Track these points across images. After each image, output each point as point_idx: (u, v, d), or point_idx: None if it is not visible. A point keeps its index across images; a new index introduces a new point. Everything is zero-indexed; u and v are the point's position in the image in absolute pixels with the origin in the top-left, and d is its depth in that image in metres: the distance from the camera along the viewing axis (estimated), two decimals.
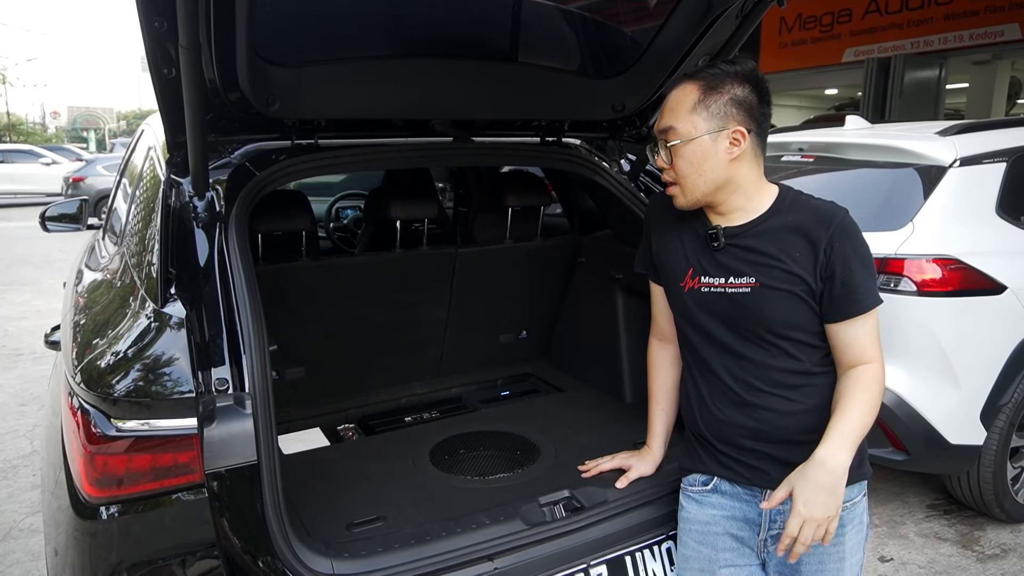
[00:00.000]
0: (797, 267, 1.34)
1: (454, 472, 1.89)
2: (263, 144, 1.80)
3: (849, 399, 1.32)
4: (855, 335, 1.35)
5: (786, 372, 1.38)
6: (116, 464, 1.25)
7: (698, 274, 1.44)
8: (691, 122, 1.34)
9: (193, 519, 1.28)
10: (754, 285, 1.37)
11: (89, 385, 1.30)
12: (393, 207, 2.20)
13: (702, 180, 1.37)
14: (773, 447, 1.40)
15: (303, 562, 1.33)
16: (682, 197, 1.41)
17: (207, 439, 1.25)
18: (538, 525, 1.53)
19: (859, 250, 1.34)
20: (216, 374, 1.34)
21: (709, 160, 1.35)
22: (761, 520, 1.43)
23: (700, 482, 1.51)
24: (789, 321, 1.36)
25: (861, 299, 1.33)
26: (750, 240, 1.39)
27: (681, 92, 1.38)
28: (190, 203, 1.63)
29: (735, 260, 1.40)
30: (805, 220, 1.36)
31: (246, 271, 1.50)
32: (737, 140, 1.34)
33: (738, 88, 1.35)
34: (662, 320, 1.65)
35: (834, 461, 1.27)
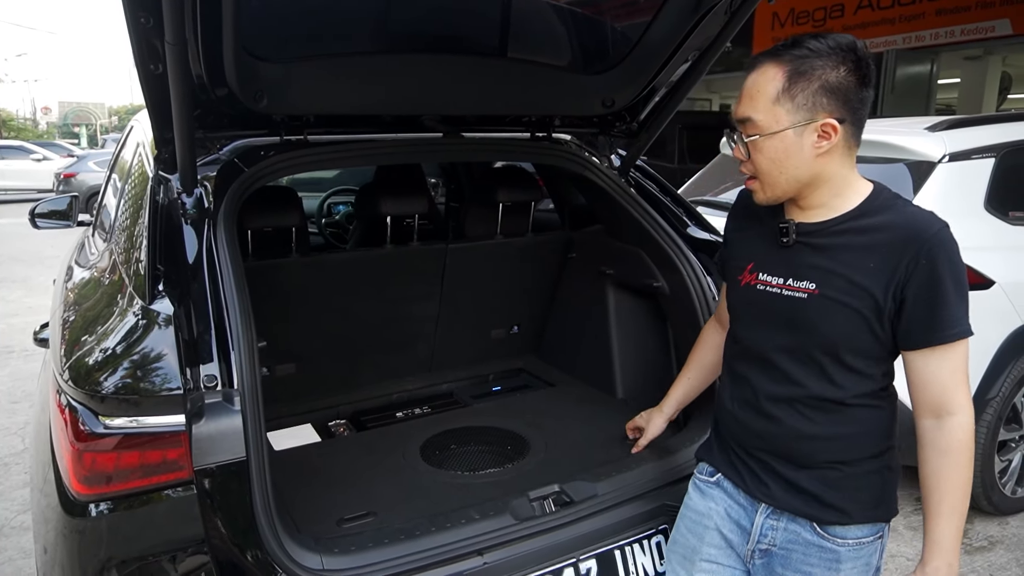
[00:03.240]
0: (867, 279, 1.17)
1: (444, 467, 1.89)
2: (252, 140, 1.80)
3: (947, 487, 1.18)
4: (936, 370, 1.17)
5: (820, 398, 1.24)
6: (104, 461, 1.25)
7: (758, 269, 1.31)
8: (773, 114, 1.17)
9: (182, 516, 1.28)
10: (812, 292, 1.22)
11: (77, 382, 1.30)
12: (383, 203, 2.19)
13: (784, 177, 1.20)
14: (781, 464, 1.30)
15: (292, 558, 1.34)
16: (761, 193, 1.26)
17: (196, 436, 1.25)
18: (527, 520, 1.54)
19: (954, 270, 1.16)
20: (205, 371, 1.34)
21: (793, 157, 1.18)
22: (752, 529, 1.36)
23: (708, 472, 1.46)
24: (843, 340, 1.20)
25: (948, 325, 1.15)
26: (824, 240, 1.22)
27: (762, 77, 1.18)
28: (178, 199, 1.63)
29: (801, 261, 1.24)
30: (894, 227, 1.18)
31: (235, 267, 1.49)
32: (827, 133, 1.16)
33: (831, 72, 1.14)
34: (721, 306, 1.57)
35: (952, 573, 1.19)
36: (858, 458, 1.25)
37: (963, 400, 1.18)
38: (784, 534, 1.32)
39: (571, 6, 1.99)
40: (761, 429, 1.31)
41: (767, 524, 1.33)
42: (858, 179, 1.24)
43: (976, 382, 2.76)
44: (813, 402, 1.24)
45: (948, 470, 1.18)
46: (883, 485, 1.28)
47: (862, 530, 1.27)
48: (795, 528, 1.30)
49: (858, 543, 1.28)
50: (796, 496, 1.28)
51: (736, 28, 1.82)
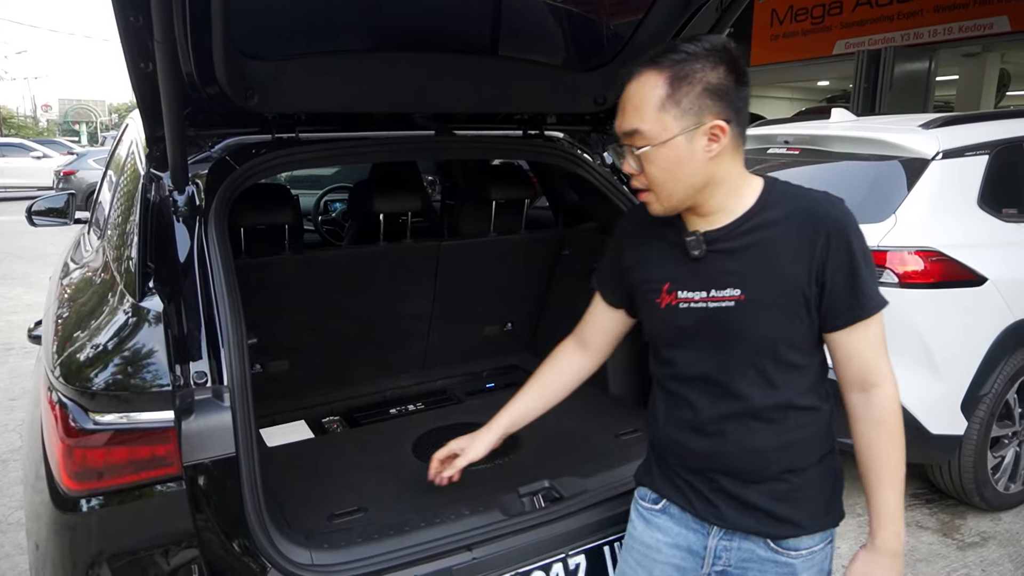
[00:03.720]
0: (788, 273, 1.17)
1: None
2: (243, 138, 1.80)
3: (884, 456, 1.20)
4: (859, 345, 1.18)
5: (763, 408, 1.22)
6: (94, 457, 1.26)
7: (675, 288, 1.26)
8: (660, 122, 1.14)
9: (172, 511, 1.29)
10: (738, 298, 1.19)
11: (67, 379, 1.31)
12: (376, 200, 2.20)
13: (680, 186, 1.18)
14: (729, 481, 1.27)
15: (282, 553, 1.35)
16: (657, 204, 1.22)
17: (185, 432, 1.26)
18: (517, 515, 1.55)
19: (861, 244, 1.17)
20: (195, 368, 1.36)
21: (685, 163, 1.16)
22: (705, 553, 1.32)
23: (651, 499, 1.40)
24: (777, 337, 1.19)
25: (865, 301, 1.16)
26: (734, 243, 1.21)
27: (644, 86, 1.15)
28: (170, 197, 1.64)
29: (717, 270, 1.21)
30: (797, 214, 1.18)
31: (225, 265, 1.50)
32: (716, 136, 1.15)
33: (711, 73, 1.13)
34: (589, 329, 1.49)
35: (900, 540, 1.19)
36: (805, 466, 1.25)
37: (886, 370, 1.20)
38: (738, 553, 1.29)
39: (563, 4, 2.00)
40: (705, 449, 1.27)
41: (720, 546, 1.30)
42: (748, 176, 1.24)
43: (968, 379, 2.77)
44: (758, 413, 1.22)
45: (883, 441, 1.20)
46: (830, 490, 1.28)
47: (814, 539, 1.27)
48: (749, 546, 1.28)
49: (811, 552, 1.27)
50: (747, 514, 1.26)
51: (727, 25, 1.82)
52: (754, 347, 1.20)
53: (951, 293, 2.73)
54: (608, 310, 1.45)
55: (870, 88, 8.88)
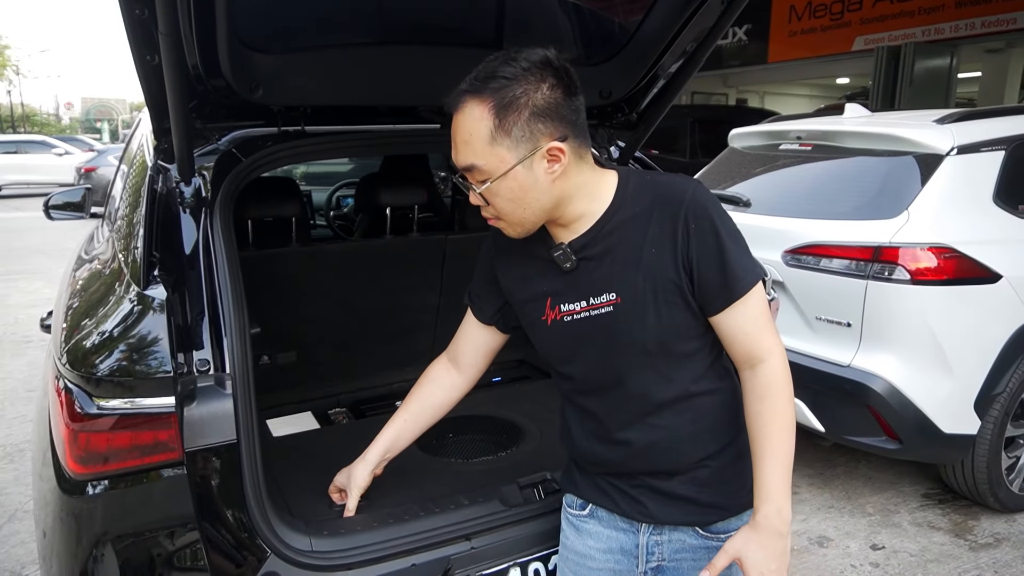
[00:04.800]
0: (656, 267, 1.15)
1: (439, 455, 1.91)
2: (250, 131, 1.82)
3: (768, 430, 1.15)
4: (741, 323, 1.16)
5: (662, 401, 1.21)
6: (98, 442, 1.29)
7: (557, 302, 1.23)
8: (495, 155, 1.09)
9: (174, 495, 1.31)
10: (616, 302, 1.17)
11: (73, 365, 1.33)
12: (382, 193, 2.22)
13: (529, 212, 1.15)
14: (651, 478, 1.27)
15: (281, 538, 1.37)
16: (511, 230, 1.20)
17: (187, 418, 1.28)
18: (516, 506, 1.56)
19: (723, 221, 1.14)
20: (198, 355, 1.37)
21: (530, 191, 1.12)
22: (638, 552, 1.31)
23: (577, 505, 1.39)
24: (664, 333, 1.17)
25: (737, 279, 1.13)
26: (599, 248, 1.18)
27: (469, 118, 1.10)
28: (176, 189, 1.66)
29: (590, 277, 1.19)
30: (652, 205, 1.15)
31: (229, 256, 1.52)
32: (555, 156, 1.11)
33: (535, 94, 1.08)
34: (462, 344, 1.48)
35: (783, 519, 1.13)
36: (719, 449, 1.25)
37: (771, 343, 1.17)
38: (670, 546, 1.30)
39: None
40: (620, 456, 1.27)
41: (652, 542, 1.30)
42: (601, 175, 1.20)
43: (982, 377, 2.73)
44: (660, 410, 1.21)
45: (768, 414, 1.16)
46: (747, 468, 1.23)
47: (741, 519, 1.26)
48: (679, 537, 1.29)
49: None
50: (673, 506, 1.26)
51: (732, 19, 1.81)
52: (641, 347, 1.19)
53: (965, 290, 2.70)
54: (480, 327, 1.44)
55: (889, 85, 8.76)
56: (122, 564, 1.32)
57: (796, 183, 3.37)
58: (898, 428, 2.72)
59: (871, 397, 2.71)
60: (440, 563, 1.44)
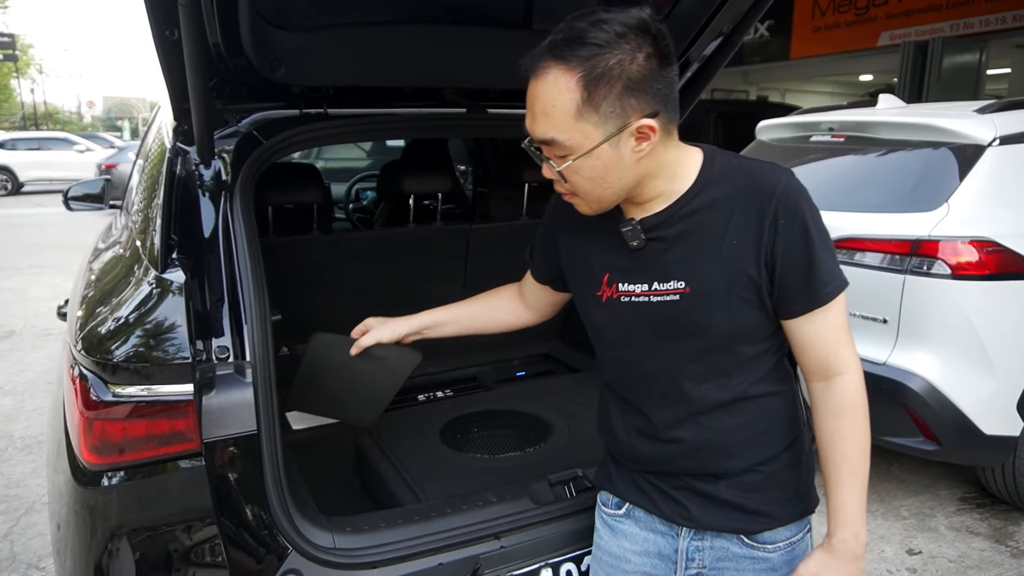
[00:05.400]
0: (735, 259, 1.06)
1: (465, 450, 1.85)
2: (271, 113, 1.77)
3: (844, 450, 1.09)
4: (818, 331, 1.08)
5: (718, 401, 1.12)
6: (113, 431, 1.23)
7: (616, 280, 1.15)
8: (580, 132, 0.99)
9: (193, 488, 1.25)
10: (684, 291, 1.08)
11: (88, 351, 1.28)
12: (406, 180, 2.15)
13: (610, 191, 1.06)
14: (696, 480, 1.18)
15: (303, 534, 1.31)
16: (586, 207, 1.11)
17: (205, 407, 1.23)
18: (547, 504, 1.49)
19: (814, 220, 1.05)
20: (217, 343, 1.32)
21: (613, 170, 1.03)
22: (676, 557, 1.22)
23: (613, 504, 1.31)
24: (731, 331, 1.09)
25: (824, 284, 1.05)
26: (674, 230, 1.09)
27: (553, 88, 0.98)
28: (196, 171, 1.61)
29: (659, 259, 1.10)
30: (740, 191, 1.06)
31: (250, 240, 1.46)
32: (645, 134, 1.01)
33: (630, 64, 0.97)
34: (526, 288, 1.44)
35: (859, 543, 1.09)
36: (773, 455, 1.16)
37: (848, 356, 1.09)
38: (712, 553, 1.20)
39: None
40: (667, 454, 1.17)
41: (692, 547, 1.21)
42: (686, 153, 1.10)
43: None
44: (714, 410, 1.13)
45: (844, 432, 1.09)
46: (801, 476, 1.19)
47: (790, 530, 1.19)
48: (722, 544, 1.19)
49: (789, 544, 1.19)
50: (718, 511, 1.17)
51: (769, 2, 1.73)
52: (704, 343, 1.10)
53: (1007, 285, 2.59)
54: (537, 283, 1.41)
55: (916, 81, 8.58)
56: (138, 559, 1.26)
57: (828, 175, 3.27)
58: (936, 429, 2.61)
59: (908, 396, 2.61)
60: (468, 563, 1.37)
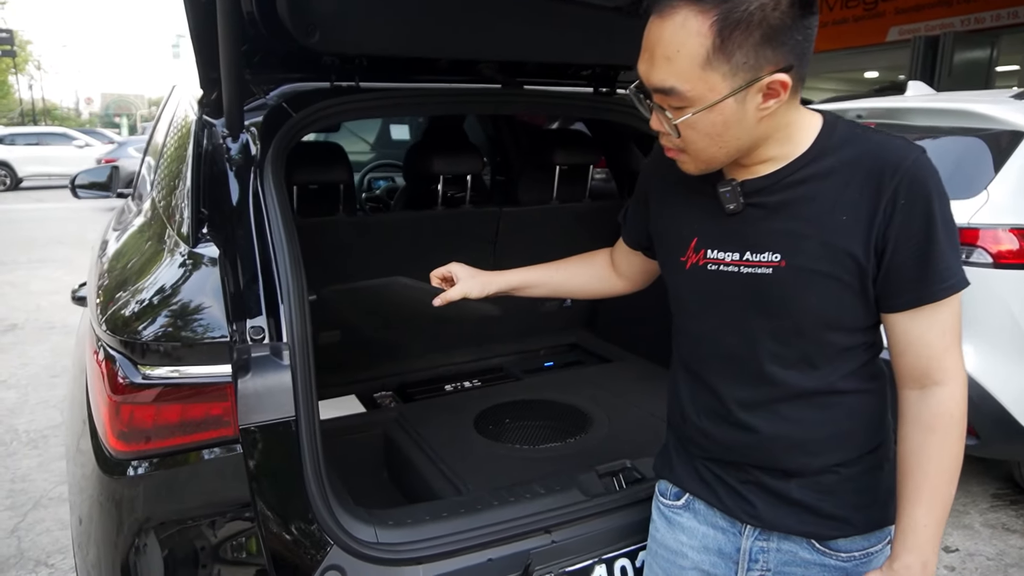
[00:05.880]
0: (842, 237, 0.95)
1: (502, 441, 1.76)
2: (300, 85, 1.68)
3: (929, 468, 0.97)
4: (923, 331, 0.96)
5: (801, 391, 1.02)
6: (143, 416, 1.14)
7: (704, 246, 1.05)
8: (705, 82, 0.89)
9: (228, 477, 1.17)
10: (778, 264, 0.98)
11: (115, 331, 1.19)
12: (436, 161, 2.06)
13: (724, 151, 0.96)
14: (766, 475, 1.08)
15: (344, 528, 1.22)
16: (692, 166, 1.01)
17: (241, 391, 1.14)
18: (598, 496, 1.40)
19: (942, 207, 0.93)
20: (251, 323, 1.23)
21: (733, 127, 0.93)
22: (738, 557, 1.13)
23: (672, 494, 1.21)
24: (825, 317, 0.99)
25: (940, 278, 0.93)
26: (778, 197, 0.98)
27: (681, 30, 0.87)
28: (223, 145, 1.52)
29: (757, 227, 1.00)
30: (861, 163, 0.94)
31: (283, 215, 1.38)
32: (775, 91, 0.90)
33: (772, 10, 0.86)
34: (617, 256, 1.36)
35: (927, 573, 0.98)
36: (855, 457, 1.05)
37: (953, 366, 0.97)
38: (778, 555, 1.10)
39: None
40: (736, 441, 1.08)
41: (756, 548, 1.11)
42: (805, 117, 0.99)
43: None
44: (795, 399, 1.03)
45: (932, 449, 0.97)
46: (883, 482, 1.07)
47: (868, 540, 1.08)
48: (790, 548, 1.09)
49: (866, 554, 1.08)
50: (787, 511, 1.07)
51: None
52: (793, 325, 1.00)
53: None
54: (628, 249, 1.33)
55: (927, 77, 8.49)
56: (168, 554, 1.17)
57: None
58: (975, 422, 2.53)
59: None
60: (519, 558, 1.28)
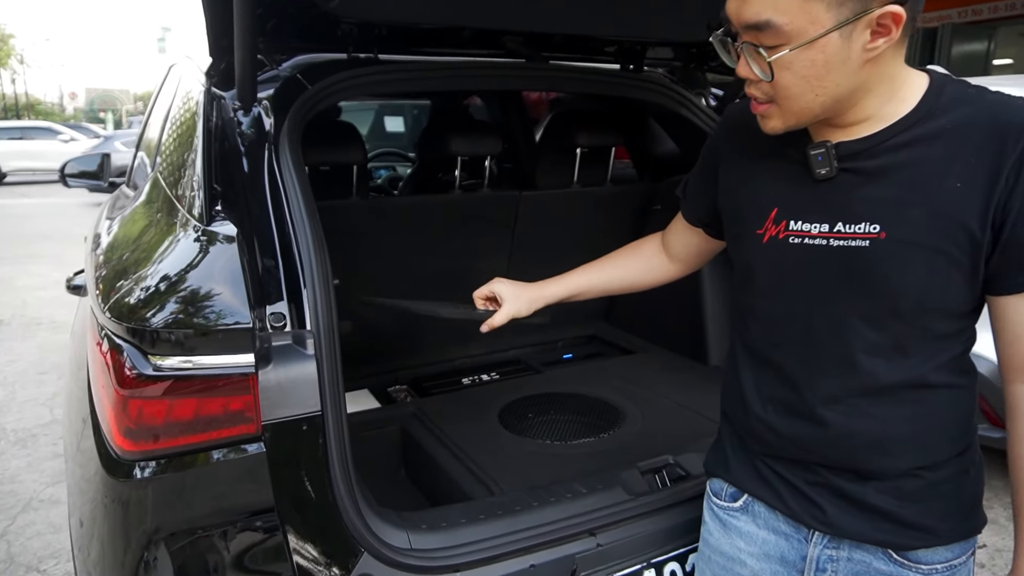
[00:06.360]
0: (955, 205, 0.84)
1: (531, 436, 1.66)
2: (315, 56, 1.57)
3: None
4: None
5: (887, 382, 0.91)
6: (153, 411, 1.03)
7: (786, 216, 0.94)
8: (805, 13, 0.79)
9: (249, 480, 1.05)
10: (877, 236, 0.87)
11: (122, 317, 1.07)
12: (455, 141, 1.95)
13: (819, 100, 0.85)
14: (840, 477, 0.97)
15: (375, 533, 1.11)
16: (778, 120, 0.90)
17: (263, 383, 1.03)
18: (642, 495, 1.30)
19: None
20: (271, 309, 1.12)
21: (835, 69, 0.82)
22: (804, 566, 1.03)
23: (728, 495, 1.10)
24: (928, 297, 0.88)
25: None
26: (879, 161, 0.87)
27: None
28: (234, 119, 1.41)
29: (850, 196, 0.89)
30: (977, 124, 0.84)
31: (304, 193, 1.26)
32: (885, 27, 0.80)
33: None
34: (672, 236, 1.25)
35: None
36: (942, 459, 0.94)
37: None
38: (849, 565, 1.00)
39: None
40: (810, 437, 0.97)
41: (824, 556, 1.01)
42: (911, 72, 0.89)
43: None
44: (881, 391, 0.92)
45: None
46: (971, 488, 0.98)
47: (952, 550, 0.97)
48: (863, 557, 0.99)
49: (948, 568, 0.97)
50: (862, 518, 0.97)
51: None
52: (890, 307, 0.89)
53: None
54: (687, 226, 1.21)
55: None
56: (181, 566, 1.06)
57: None
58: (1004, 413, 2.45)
59: None
60: (564, 563, 1.18)
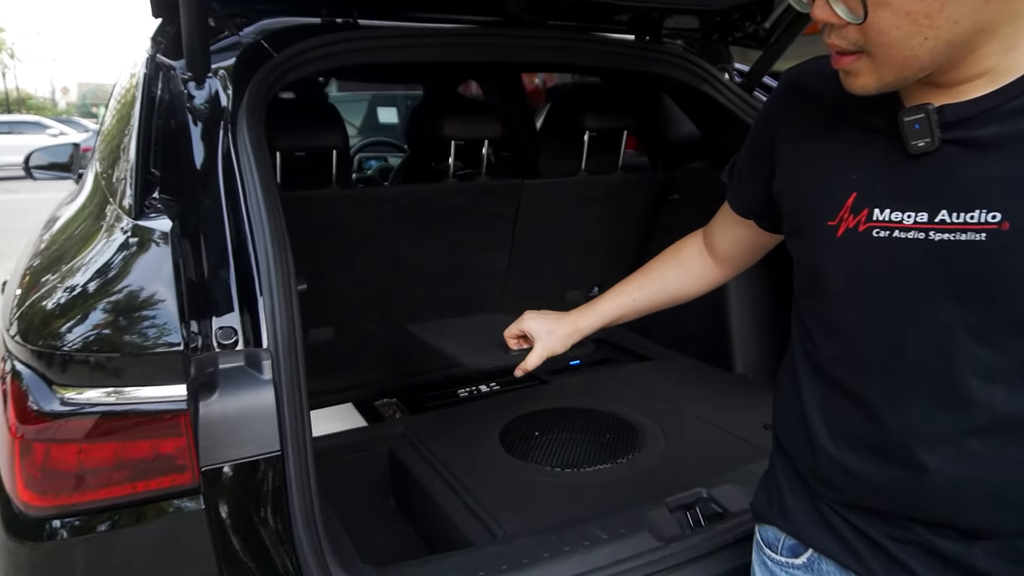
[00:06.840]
0: None
1: (537, 461, 1.44)
2: (282, 20, 1.34)
3: None
4: None
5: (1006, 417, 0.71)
6: (64, 456, 0.81)
7: (869, 203, 0.75)
8: None
9: (181, 546, 0.84)
10: (997, 228, 0.68)
11: (27, 337, 0.85)
12: (449, 123, 1.72)
13: (926, 46, 0.65)
14: (938, 535, 0.76)
15: None
16: (871, 75, 0.70)
17: (205, 418, 0.81)
18: (674, 540, 1.09)
19: None
20: (218, 322, 0.90)
21: (949, 4, 0.63)
22: None
23: (786, 548, 0.89)
24: None
25: None
26: (996, 129, 0.68)
27: None
28: (184, 92, 1.18)
29: (959, 175, 0.70)
30: None
31: (263, 181, 1.04)
32: None
33: None
34: (717, 232, 1.04)
35: None
36: None
37: None
38: None
39: None
40: (900, 486, 0.76)
41: None
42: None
43: None
44: (999, 430, 0.71)
45: None
46: None
47: None
48: None
49: None
50: None
51: None
52: (1011, 318, 0.69)
53: None
54: (735, 218, 0.99)
55: None
56: None
57: None
58: None
59: None
60: None
